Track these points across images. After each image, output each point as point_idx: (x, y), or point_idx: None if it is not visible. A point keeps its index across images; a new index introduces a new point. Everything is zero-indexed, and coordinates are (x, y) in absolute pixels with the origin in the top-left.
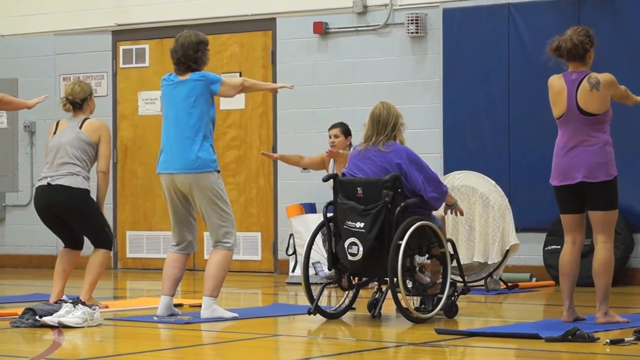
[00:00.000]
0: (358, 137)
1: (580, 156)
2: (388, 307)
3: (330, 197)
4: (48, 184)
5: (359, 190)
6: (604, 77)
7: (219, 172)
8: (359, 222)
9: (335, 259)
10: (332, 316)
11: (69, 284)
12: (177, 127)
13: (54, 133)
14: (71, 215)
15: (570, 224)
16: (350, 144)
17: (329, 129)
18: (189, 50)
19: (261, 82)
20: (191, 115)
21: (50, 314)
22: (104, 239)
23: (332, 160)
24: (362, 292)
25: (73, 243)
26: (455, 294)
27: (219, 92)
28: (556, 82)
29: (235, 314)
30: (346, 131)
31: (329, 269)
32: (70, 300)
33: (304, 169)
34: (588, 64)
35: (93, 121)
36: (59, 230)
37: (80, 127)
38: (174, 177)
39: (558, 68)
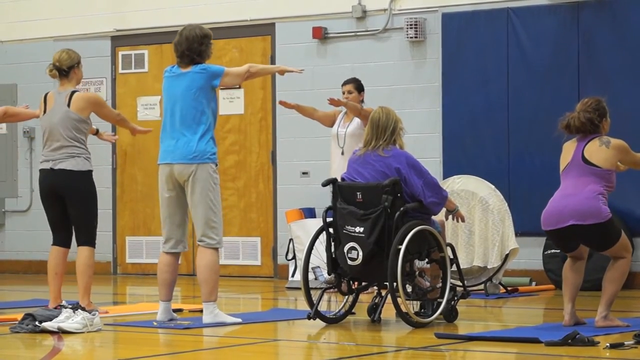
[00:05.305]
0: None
1: (572, 202)
2: (388, 311)
3: (330, 202)
4: (51, 168)
5: (359, 194)
6: (616, 140)
7: (216, 164)
8: (358, 227)
9: (334, 263)
10: (332, 321)
11: (69, 290)
12: (178, 118)
13: (44, 111)
14: (74, 195)
15: (571, 255)
16: (363, 100)
17: (342, 85)
18: (194, 43)
19: (267, 65)
20: (192, 108)
21: (50, 319)
22: (91, 233)
23: (341, 114)
24: (362, 297)
25: (63, 238)
26: (455, 298)
27: (223, 84)
28: (569, 144)
29: (238, 319)
30: (359, 87)
31: (329, 274)
32: (70, 306)
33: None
34: (602, 133)
35: (81, 96)
36: (55, 216)
37: (69, 105)
38: (173, 167)
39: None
